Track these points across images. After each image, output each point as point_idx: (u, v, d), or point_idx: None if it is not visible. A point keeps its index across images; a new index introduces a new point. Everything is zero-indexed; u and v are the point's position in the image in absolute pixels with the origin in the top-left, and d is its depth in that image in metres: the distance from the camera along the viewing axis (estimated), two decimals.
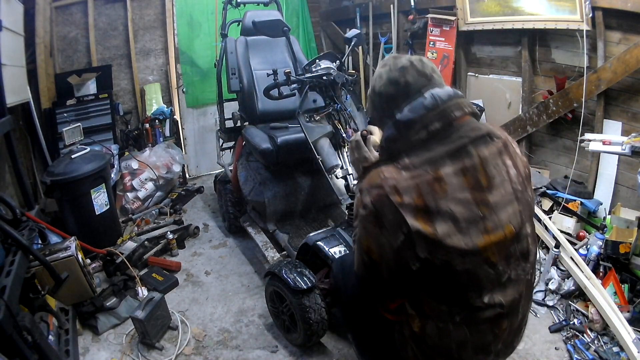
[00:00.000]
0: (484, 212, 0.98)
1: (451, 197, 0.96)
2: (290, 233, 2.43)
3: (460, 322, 1.04)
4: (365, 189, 1.04)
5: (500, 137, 1.06)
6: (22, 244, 1.55)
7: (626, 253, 2.08)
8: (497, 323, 1.07)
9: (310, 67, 2.10)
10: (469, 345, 1.06)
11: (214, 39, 3.94)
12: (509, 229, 1.01)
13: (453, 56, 3.43)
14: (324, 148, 2.04)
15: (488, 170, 1.01)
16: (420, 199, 0.95)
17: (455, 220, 0.95)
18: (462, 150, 0.99)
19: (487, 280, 1.01)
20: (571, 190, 2.67)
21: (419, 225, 0.94)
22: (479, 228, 0.97)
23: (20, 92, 2.80)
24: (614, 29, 2.47)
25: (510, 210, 1.02)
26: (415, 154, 1.01)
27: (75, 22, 3.51)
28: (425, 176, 0.97)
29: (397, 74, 1.07)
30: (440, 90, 1.05)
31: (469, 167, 0.99)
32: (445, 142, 1.00)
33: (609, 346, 1.88)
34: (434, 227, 0.94)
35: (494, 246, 1.00)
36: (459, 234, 0.95)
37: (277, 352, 1.99)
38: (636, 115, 2.47)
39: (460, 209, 0.96)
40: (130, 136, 3.73)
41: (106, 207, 2.77)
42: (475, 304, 1.02)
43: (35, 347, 1.36)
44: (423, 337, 1.09)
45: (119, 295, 2.25)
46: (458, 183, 0.97)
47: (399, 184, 0.97)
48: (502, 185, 1.02)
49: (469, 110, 1.04)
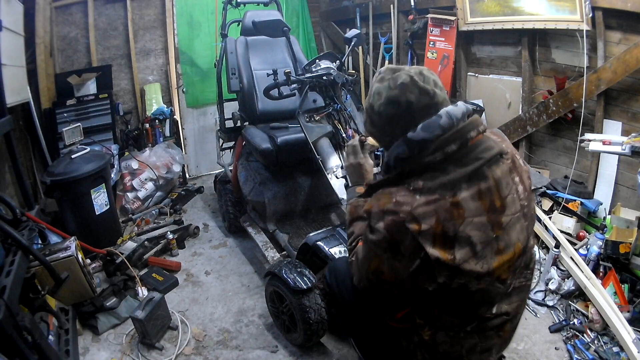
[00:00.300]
0: (497, 233, 0.97)
1: (468, 222, 0.94)
2: (290, 233, 2.43)
3: (470, 330, 1.06)
4: (375, 213, 0.99)
5: (508, 153, 1.05)
6: (22, 244, 1.55)
7: (626, 253, 2.08)
8: (502, 328, 1.10)
9: (310, 67, 2.10)
10: (477, 349, 1.08)
11: (214, 39, 3.94)
12: (518, 246, 1.02)
13: (453, 56, 3.43)
14: (324, 148, 2.04)
15: (501, 191, 0.99)
16: (439, 226, 0.92)
17: (473, 244, 0.94)
18: (478, 173, 0.97)
19: (497, 294, 1.03)
20: (571, 190, 2.67)
21: (438, 253, 0.92)
22: (492, 249, 0.97)
23: (20, 92, 2.80)
24: (614, 29, 2.47)
25: (519, 227, 1.02)
26: (429, 176, 0.97)
27: (75, 22, 3.51)
28: (443, 201, 0.94)
29: (397, 92, 1.00)
30: (455, 108, 1.00)
31: (484, 190, 0.97)
32: (461, 164, 0.97)
33: (609, 346, 1.88)
34: (452, 254, 0.93)
35: (506, 264, 1.00)
36: (475, 258, 0.95)
37: (277, 352, 1.99)
38: (636, 115, 2.47)
39: (477, 233, 0.95)
40: (130, 136, 3.72)
41: (106, 207, 2.77)
42: (485, 315, 1.04)
43: (35, 347, 1.36)
44: (434, 346, 1.08)
45: (119, 295, 2.25)
46: (475, 207, 0.95)
47: (415, 211, 0.93)
48: (513, 204, 1.01)
49: (483, 129, 1.02)
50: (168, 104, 3.99)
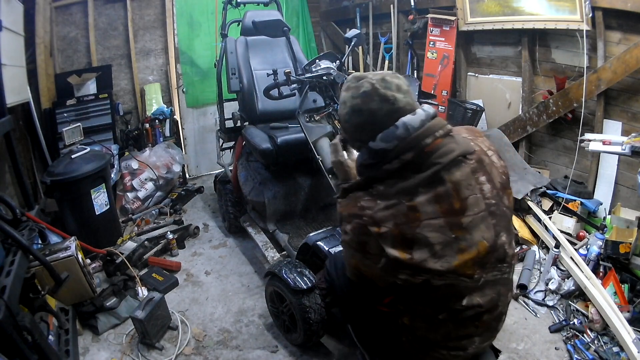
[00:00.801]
0: (457, 234, 1.02)
1: (425, 225, 0.99)
2: (290, 233, 2.43)
3: (443, 319, 1.11)
4: (345, 216, 1.08)
5: (474, 154, 1.07)
6: (22, 244, 1.55)
7: (626, 253, 2.08)
8: (478, 318, 1.14)
9: (310, 67, 2.10)
10: (453, 335, 1.14)
11: (214, 39, 3.94)
12: (482, 245, 1.05)
13: (453, 56, 3.43)
14: (323, 148, 2.04)
15: (461, 193, 1.03)
16: (396, 228, 0.99)
17: (431, 245, 1.00)
18: (435, 178, 1.01)
19: (465, 288, 1.07)
20: (571, 190, 2.67)
21: (397, 253, 0.99)
22: (453, 249, 1.01)
23: (20, 92, 2.80)
24: (614, 29, 2.47)
25: (483, 226, 1.06)
26: (389, 183, 1.03)
27: (75, 22, 3.51)
28: (400, 206, 1.00)
29: (360, 101, 1.05)
30: (413, 117, 1.04)
31: (441, 194, 1.01)
32: (418, 170, 1.02)
33: (609, 346, 1.88)
34: (411, 254, 0.99)
35: (469, 262, 1.04)
36: (434, 258, 1.00)
37: (277, 352, 1.99)
38: (636, 115, 2.47)
39: (435, 234, 1.00)
40: (130, 136, 3.73)
41: (106, 207, 2.77)
42: (456, 307, 1.09)
43: (35, 347, 1.36)
44: (413, 330, 1.17)
45: (119, 295, 2.25)
46: (432, 210, 1.00)
47: (375, 215, 1.01)
48: (476, 204, 1.05)
49: (441, 134, 1.04)
50: (168, 104, 3.99)
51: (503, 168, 1.15)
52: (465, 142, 1.08)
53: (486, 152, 1.12)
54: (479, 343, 1.19)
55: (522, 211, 2.75)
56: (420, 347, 1.20)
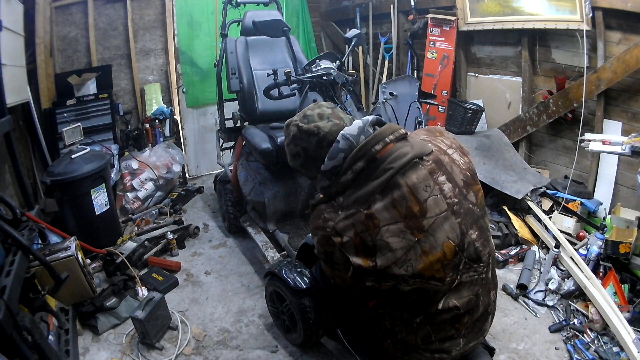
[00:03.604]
0: (419, 237, 1.02)
1: (385, 231, 1.00)
2: (290, 233, 2.43)
3: (421, 322, 1.13)
4: (313, 229, 1.11)
5: (430, 154, 1.08)
6: (22, 244, 1.55)
7: (626, 253, 2.08)
8: (456, 320, 1.14)
9: (310, 67, 2.10)
10: (433, 338, 1.15)
11: (214, 39, 3.95)
12: (447, 245, 1.04)
13: (453, 56, 3.43)
14: None
15: (419, 196, 1.03)
16: (357, 237, 1.01)
17: (393, 250, 1.00)
18: (390, 183, 1.02)
19: (437, 291, 1.07)
20: (571, 190, 2.67)
21: (361, 261, 1.00)
22: (416, 252, 1.02)
23: (20, 92, 2.80)
24: (614, 29, 2.47)
25: (447, 226, 1.05)
26: (347, 194, 1.06)
27: (75, 22, 3.51)
28: (358, 215, 1.02)
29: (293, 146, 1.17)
30: (349, 128, 1.08)
31: (398, 199, 1.02)
32: (372, 177, 1.03)
33: (609, 346, 1.88)
34: (374, 261, 1.00)
35: (436, 264, 1.04)
36: (397, 263, 1.00)
37: (277, 352, 1.99)
38: (636, 115, 2.47)
39: (396, 239, 1.00)
40: (130, 136, 3.72)
41: (106, 207, 2.77)
42: (431, 310, 1.10)
43: (35, 347, 1.36)
44: (394, 332, 1.19)
45: (119, 295, 2.25)
46: (390, 216, 1.01)
47: (337, 225, 1.03)
48: (436, 205, 1.05)
49: (392, 138, 1.05)
50: (168, 104, 3.99)
51: (467, 164, 1.14)
52: (420, 144, 1.09)
53: (446, 151, 1.12)
54: (464, 345, 1.19)
55: (522, 211, 2.75)
56: (403, 349, 1.22)
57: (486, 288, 1.19)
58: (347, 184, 1.05)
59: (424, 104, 2.43)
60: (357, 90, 4.04)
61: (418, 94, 2.42)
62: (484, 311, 1.21)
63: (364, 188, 1.03)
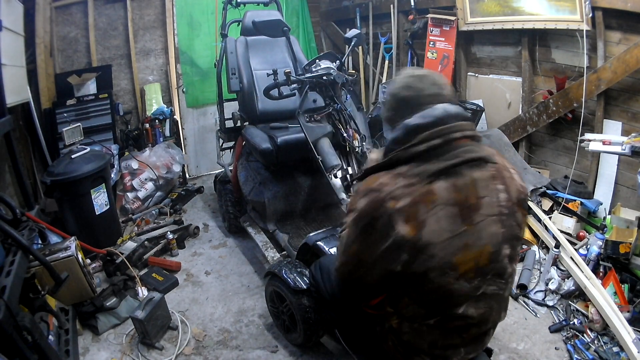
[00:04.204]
0: (467, 227, 1.02)
1: (440, 209, 1.00)
2: (290, 233, 2.43)
3: (433, 325, 1.12)
4: (361, 191, 1.08)
5: (496, 164, 1.10)
6: (22, 244, 1.55)
7: (626, 253, 2.08)
8: (466, 330, 1.15)
9: (310, 67, 2.10)
10: (439, 344, 1.15)
11: (214, 39, 3.95)
12: (487, 248, 1.06)
13: (453, 56, 3.43)
14: (324, 148, 2.04)
15: (478, 191, 1.05)
16: (412, 206, 1.00)
17: (441, 230, 1.00)
18: (455, 169, 1.04)
19: (462, 294, 1.07)
20: (571, 190, 2.67)
21: (407, 229, 0.99)
22: (460, 241, 1.02)
23: (20, 92, 2.80)
24: (614, 29, 2.47)
25: (492, 231, 1.06)
26: (412, 165, 1.05)
27: (75, 22, 3.51)
28: (419, 186, 1.01)
29: (412, 79, 1.12)
30: (452, 106, 1.09)
31: (460, 185, 1.03)
32: (441, 159, 1.04)
33: (609, 346, 1.88)
34: (420, 234, 0.99)
35: (471, 262, 1.04)
36: (440, 244, 1.00)
37: (277, 352, 1.99)
38: (636, 115, 2.47)
39: (447, 221, 1.01)
40: (130, 136, 3.72)
41: (106, 207, 2.77)
42: (450, 313, 1.09)
43: (35, 347, 1.36)
44: (399, 333, 1.18)
45: (119, 295, 2.25)
46: (448, 197, 1.01)
47: (394, 191, 1.02)
48: (490, 206, 1.06)
49: (469, 134, 1.08)
50: (168, 104, 3.99)
51: (524, 189, 1.16)
52: (490, 151, 1.12)
53: (508, 169, 1.14)
54: (464, 354, 1.21)
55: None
56: (404, 351, 1.21)
57: (500, 306, 1.20)
58: (416, 155, 1.05)
59: None
60: (357, 90, 4.05)
61: None
62: (490, 327, 1.22)
63: (430, 164, 1.03)
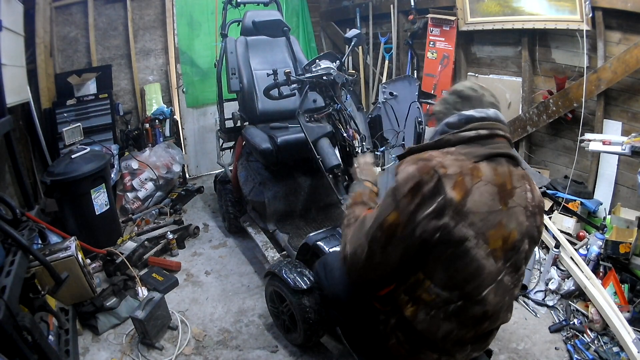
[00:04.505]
0: (502, 208, 1.12)
1: (483, 184, 1.10)
2: (290, 233, 2.43)
3: (452, 312, 1.14)
4: (410, 160, 1.16)
5: (524, 169, 1.24)
6: (22, 244, 1.55)
7: (626, 253, 2.08)
8: (480, 322, 1.18)
9: (310, 67, 2.10)
10: (452, 336, 1.17)
11: (214, 39, 3.94)
12: (514, 233, 1.14)
13: (453, 56, 3.43)
14: (324, 148, 2.03)
15: (513, 181, 1.16)
16: (460, 176, 1.09)
17: (481, 203, 1.09)
18: (496, 157, 1.16)
19: (488, 274, 1.12)
20: (571, 190, 2.67)
21: (455, 194, 1.06)
22: (495, 218, 1.10)
23: (20, 92, 2.80)
24: (614, 29, 2.47)
25: (520, 219, 1.16)
26: (458, 147, 1.17)
27: (75, 22, 3.51)
28: (467, 162, 1.12)
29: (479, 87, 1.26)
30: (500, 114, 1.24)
31: (500, 172, 1.14)
32: (485, 146, 1.16)
33: (609, 346, 1.88)
34: (465, 200, 1.07)
35: (500, 240, 1.11)
36: (479, 214, 1.08)
37: (277, 352, 1.99)
38: (636, 115, 2.47)
39: (487, 197, 1.10)
40: (130, 136, 3.72)
41: (106, 207, 2.77)
42: (473, 295, 1.13)
43: (35, 347, 1.36)
44: (413, 322, 1.18)
45: (119, 295, 2.25)
46: (491, 176, 1.12)
47: (444, 161, 1.11)
48: (521, 197, 1.17)
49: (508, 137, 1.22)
50: (168, 104, 3.99)
51: (542, 199, 1.27)
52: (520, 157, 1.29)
53: (531, 181, 1.25)
54: (470, 351, 1.24)
55: None
56: (410, 347, 1.22)
57: (509, 304, 1.25)
58: (464, 139, 1.16)
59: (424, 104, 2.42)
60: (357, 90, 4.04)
61: (418, 94, 2.41)
62: (499, 324, 1.27)
63: (476, 148, 1.15)
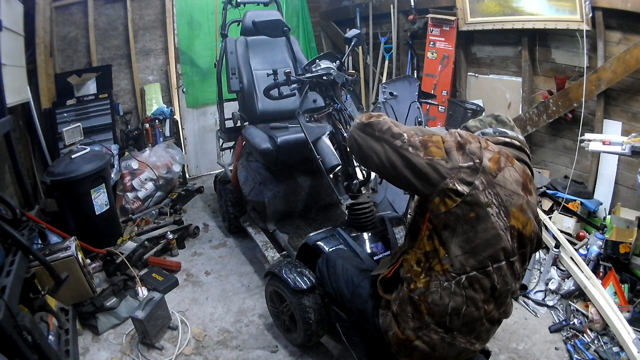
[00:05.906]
0: (524, 195, 1.20)
1: (513, 170, 1.20)
2: (290, 233, 2.43)
3: (464, 284, 1.16)
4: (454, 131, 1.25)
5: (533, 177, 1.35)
6: (22, 244, 1.55)
7: (626, 253, 2.08)
8: (487, 301, 1.19)
9: (310, 67, 2.09)
10: (460, 315, 1.18)
11: (214, 39, 3.95)
12: (530, 222, 1.21)
13: (453, 56, 3.43)
14: (323, 148, 2.03)
15: (531, 187, 1.26)
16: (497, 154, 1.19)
17: (509, 182, 1.18)
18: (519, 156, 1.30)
19: (504, 248, 1.16)
20: (571, 190, 2.67)
21: (490, 164, 1.16)
22: (517, 201, 1.18)
23: (20, 92, 2.80)
24: (614, 29, 2.47)
25: (536, 213, 1.24)
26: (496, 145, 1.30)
27: (75, 22, 3.51)
28: (502, 150, 1.23)
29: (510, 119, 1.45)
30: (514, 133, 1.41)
31: (525, 172, 1.26)
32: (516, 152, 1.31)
33: (609, 346, 1.88)
34: (497, 172, 1.16)
35: (519, 223, 1.18)
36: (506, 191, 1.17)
37: (277, 352, 1.99)
38: (636, 115, 2.48)
39: (514, 180, 1.19)
40: (130, 136, 3.72)
41: (106, 207, 2.77)
42: (486, 264, 1.16)
43: (35, 347, 1.36)
44: (425, 294, 1.19)
45: (119, 295, 2.25)
46: (519, 169, 1.23)
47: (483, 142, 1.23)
48: (534, 202, 1.26)
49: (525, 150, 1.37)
50: (168, 104, 3.99)
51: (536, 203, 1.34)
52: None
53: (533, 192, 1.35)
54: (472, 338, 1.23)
55: None
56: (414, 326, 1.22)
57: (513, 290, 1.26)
58: (500, 142, 1.31)
59: (424, 104, 2.43)
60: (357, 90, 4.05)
61: (418, 94, 2.41)
62: (499, 317, 1.28)
63: (510, 150, 1.29)
